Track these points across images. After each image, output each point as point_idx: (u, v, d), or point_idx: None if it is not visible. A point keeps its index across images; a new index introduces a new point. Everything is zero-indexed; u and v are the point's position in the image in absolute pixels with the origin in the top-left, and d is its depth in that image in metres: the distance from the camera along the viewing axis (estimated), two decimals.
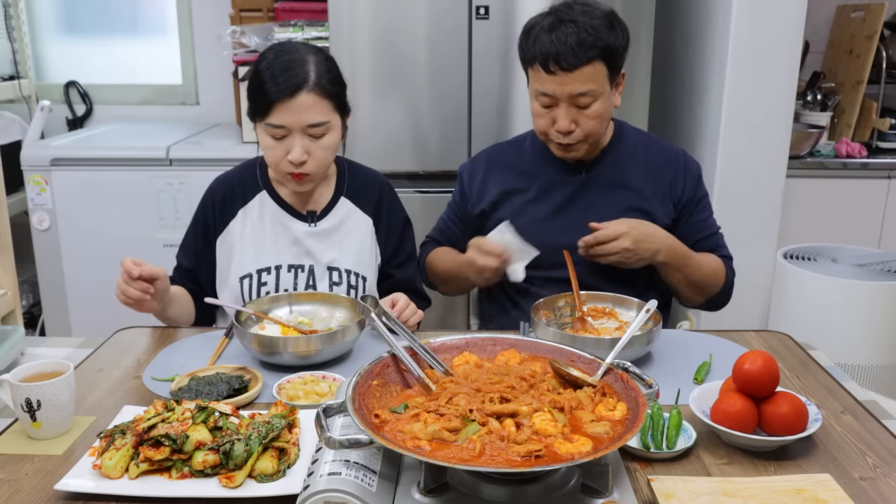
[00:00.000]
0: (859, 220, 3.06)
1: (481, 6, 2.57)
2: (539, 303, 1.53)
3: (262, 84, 1.58)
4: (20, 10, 3.55)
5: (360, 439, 0.94)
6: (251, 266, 1.70)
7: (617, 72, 1.65)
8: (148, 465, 1.04)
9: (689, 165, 1.80)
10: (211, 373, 1.34)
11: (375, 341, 1.55)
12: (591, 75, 1.59)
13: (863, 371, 2.49)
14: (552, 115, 1.65)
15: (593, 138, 1.68)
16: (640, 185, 1.75)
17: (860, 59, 3.21)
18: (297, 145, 1.59)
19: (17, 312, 1.91)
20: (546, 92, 1.62)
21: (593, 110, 1.63)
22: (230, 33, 2.97)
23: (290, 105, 1.56)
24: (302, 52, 1.62)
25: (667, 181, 1.76)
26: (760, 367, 1.15)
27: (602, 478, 0.97)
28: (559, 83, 1.60)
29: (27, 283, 3.20)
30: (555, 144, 1.70)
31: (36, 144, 3.01)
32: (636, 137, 1.81)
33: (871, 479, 1.08)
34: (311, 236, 1.73)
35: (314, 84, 1.57)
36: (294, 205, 1.74)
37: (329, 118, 1.61)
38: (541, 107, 1.66)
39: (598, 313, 1.56)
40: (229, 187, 1.75)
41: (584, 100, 1.61)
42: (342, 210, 1.76)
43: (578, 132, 1.65)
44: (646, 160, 1.78)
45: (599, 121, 1.65)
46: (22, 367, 1.19)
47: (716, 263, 1.76)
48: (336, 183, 1.78)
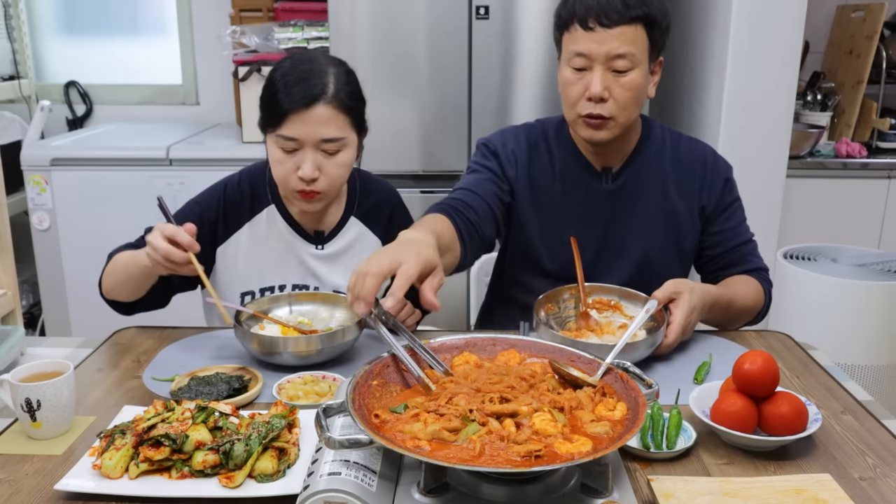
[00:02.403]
0: (859, 220, 3.07)
1: (481, 6, 2.57)
2: (542, 297, 1.49)
3: (276, 93, 1.50)
4: (20, 10, 3.55)
5: (360, 439, 0.94)
6: (254, 283, 1.66)
7: (656, 51, 1.55)
8: (148, 465, 1.04)
9: (718, 167, 1.69)
10: (211, 373, 1.33)
11: (375, 341, 1.54)
12: (632, 38, 1.48)
13: (863, 371, 2.49)
14: (585, 82, 1.52)
15: (624, 117, 1.54)
16: (668, 192, 1.66)
17: (860, 59, 3.21)
18: (308, 160, 1.51)
19: (17, 312, 1.91)
20: (582, 51, 1.50)
21: (629, 79, 1.50)
22: (230, 33, 2.97)
23: (305, 117, 1.49)
24: (322, 62, 1.55)
25: (695, 186, 1.66)
26: (760, 367, 1.15)
27: (602, 478, 0.97)
28: (598, 41, 1.48)
29: (27, 283, 3.21)
30: (583, 121, 1.55)
31: (36, 144, 3.01)
32: (663, 136, 1.69)
33: (871, 479, 1.07)
34: (318, 259, 1.67)
35: (332, 97, 1.50)
36: (303, 223, 1.67)
37: (345, 134, 1.53)
38: (573, 72, 1.53)
39: (603, 306, 1.52)
40: (238, 194, 1.66)
41: (621, 63, 1.49)
42: (351, 232, 1.70)
43: (611, 104, 1.52)
44: (674, 162, 1.67)
45: (634, 94, 1.52)
46: (22, 367, 1.19)
47: (753, 291, 1.65)
48: (347, 201, 1.70)
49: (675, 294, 1.46)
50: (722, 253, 1.69)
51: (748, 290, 1.65)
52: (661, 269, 1.64)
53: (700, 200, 1.67)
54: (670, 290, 1.46)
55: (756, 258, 1.72)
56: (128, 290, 1.58)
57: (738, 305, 1.62)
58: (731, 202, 1.70)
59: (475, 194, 1.59)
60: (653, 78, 1.58)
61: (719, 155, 1.73)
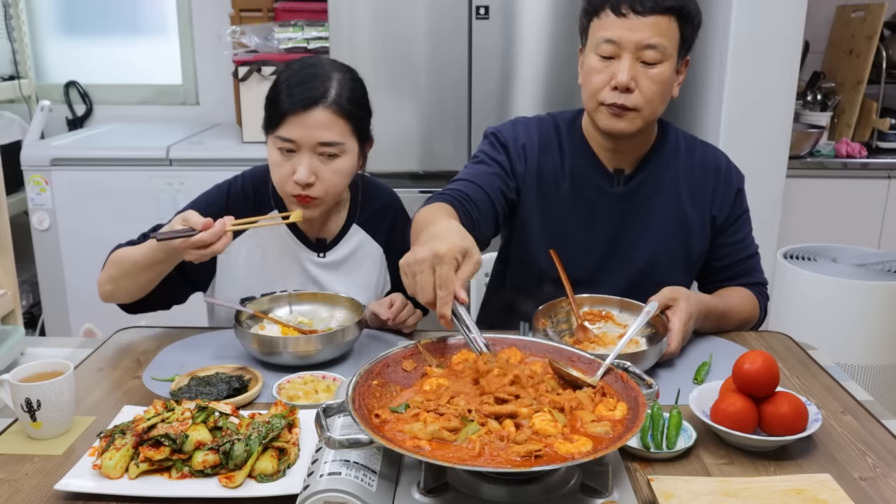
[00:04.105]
0: (859, 220, 3.07)
1: (481, 6, 2.57)
2: (536, 313, 1.47)
3: (279, 95, 1.51)
4: (20, 10, 3.55)
5: (360, 439, 0.94)
6: (255, 290, 1.64)
7: (686, 48, 1.52)
8: (148, 465, 1.04)
9: (731, 177, 1.66)
10: (211, 373, 1.34)
11: (375, 341, 1.55)
12: (665, 29, 1.45)
13: (863, 371, 2.49)
14: (611, 70, 1.48)
15: (649, 110, 1.50)
16: (680, 198, 1.63)
17: (860, 59, 3.21)
18: (304, 164, 1.50)
19: (17, 312, 1.91)
20: (611, 38, 1.46)
21: (657, 71, 1.47)
22: (230, 33, 2.97)
23: (303, 119, 1.48)
24: (327, 67, 1.54)
25: (707, 194, 1.64)
26: (760, 367, 1.15)
27: (602, 478, 0.97)
28: (629, 28, 1.44)
29: (27, 283, 3.21)
30: (605, 110, 1.51)
31: (36, 144, 3.01)
32: (678, 141, 1.66)
33: (871, 479, 1.08)
34: (319, 267, 1.66)
35: (332, 101, 1.49)
36: (305, 230, 1.66)
37: (343, 140, 1.51)
38: (600, 59, 1.49)
39: (594, 317, 1.51)
40: (242, 198, 1.65)
41: (650, 54, 1.45)
42: (353, 240, 1.69)
43: (637, 96, 1.48)
44: (687, 168, 1.64)
45: (661, 88, 1.49)
46: (22, 367, 1.19)
47: (748, 305, 1.64)
48: (349, 209, 1.69)
49: (671, 301, 1.45)
50: (727, 265, 1.68)
51: (743, 303, 1.63)
52: (664, 276, 1.60)
53: (711, 210, 1.65)
54: (667, 296, 1.45)
55: (758, 272, 1.70)
56: (130, 285, 1.54)
57: (732, 317, 1.61)
58: (741, 214, 1.68)
59: (479, 188, 1.55)
60: (678, 77, 1.55)
61: (732, 163, 1.70)
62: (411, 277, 1.12)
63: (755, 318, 1.67)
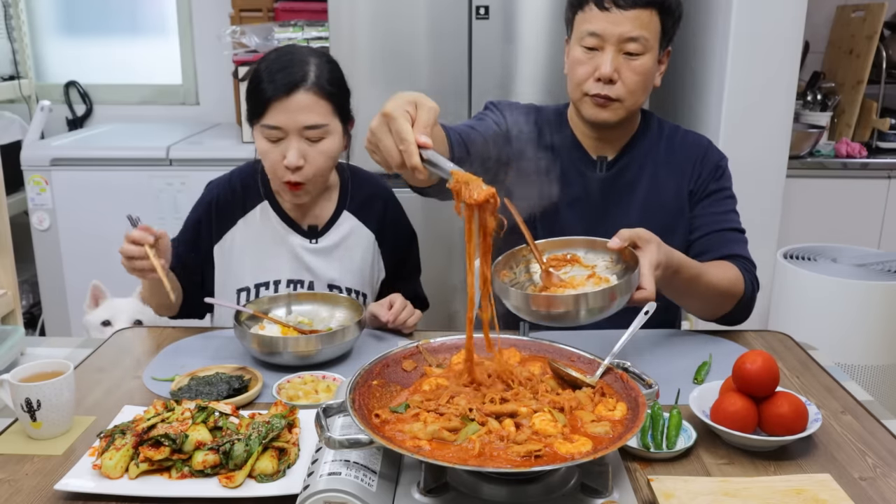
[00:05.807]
0: (859, 220, 3.07)
1: (481, 6, 2.57)
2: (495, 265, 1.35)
3: (260, 83, 1.55)
4: (20, 10, 3.55)
5: (360, 439, 0.94)
6: (249, 280, 1.67)
7: (667, 40, 1.57)
8: (148, 465, 1.04)
9: (711, 154, 1.67)
10: (211, 373, 1.34)
11: (375, 341, 1.55)
12: (646, 22, 1.50)
13: (863, 371, 2.49)
14: (595, 62, 1.52)
15: (631, 100, 1.55)
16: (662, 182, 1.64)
17: (860, 59, 3.21)
18: (292, 148, 1.54)
19: (17, 312, 1.91)
20: (595, 31, 1.51)
21: (640, 63, 1.52)
22: (230, 33, 2.97)
23: (286, 104, 1.53)
24: (304, 53, 1.59)
25: (686, 170, 1.65)
26: (760, 367, 1.15)
27: (602, 478, 0.97)
28: (612, 21, 1.50)
29: (27, 283, 3.21)
30: (589, 100, 1.56)
31: (36, 144, 3.01)
32: (661, 128, 1.69)
33: (871, 479, 1.08)
34: (312, 253, 1.69)
35: (312, 84, 1.54)
36: (295, 218, 1.69)
37: (327, 121, 1.56)
38: (584, 51, 1.53)
39: (559, 262, 1.42)
40: (229, 192, 1.70)
41: (633, 46, 1.50)
42: (344, 226, 1.72)
43: (619, 87, 1.52)
44: (668, 152, 1.66)
45: (643, 79, 1.53)
46: (22, 367, 1.19)
47: (728, 274, 1.53)
48: (339, 195, 1.73)
49: (640, 240, 1.34)
50: (704, 236, 1.62)
51: (724, 273, 1.53)
52: None
53: (689, 185, 1.65)
54: (636, 235, 1.35)
55: (740, 248, 1.61)
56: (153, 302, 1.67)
57: (708, 284, 1.49)
58: (721, 189, 1.65)
59: (476, 131, 1.55)
60: (660, 67, 1.60)
61: (715, 146, 1.71)
62: (374, 148, 1.09)
63: (739, 292, 1.55)
